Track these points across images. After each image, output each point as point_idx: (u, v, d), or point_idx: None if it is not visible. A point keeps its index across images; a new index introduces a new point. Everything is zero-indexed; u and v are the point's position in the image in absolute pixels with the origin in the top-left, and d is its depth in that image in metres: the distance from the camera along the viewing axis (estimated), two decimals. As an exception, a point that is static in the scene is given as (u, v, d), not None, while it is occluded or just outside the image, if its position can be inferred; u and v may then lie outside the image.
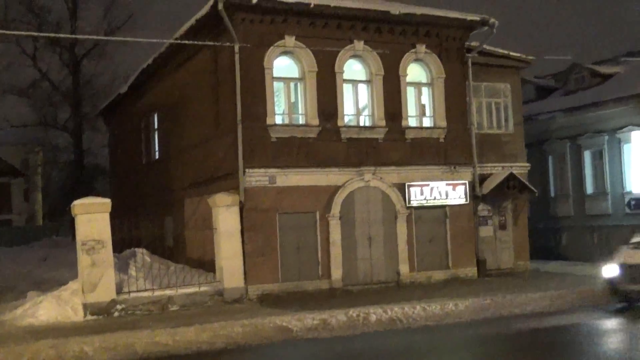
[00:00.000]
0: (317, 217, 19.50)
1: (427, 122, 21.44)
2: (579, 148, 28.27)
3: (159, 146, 26.31)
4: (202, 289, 17.97)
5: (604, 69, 30.44)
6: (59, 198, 53.27)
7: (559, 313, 16.01)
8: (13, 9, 40.07)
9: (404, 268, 20.39)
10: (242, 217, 18.52)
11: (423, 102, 21.64)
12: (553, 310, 16.37)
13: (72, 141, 43.07)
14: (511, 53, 23.47)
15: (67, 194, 42.67)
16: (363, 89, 20.71)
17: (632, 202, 25.90)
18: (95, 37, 38.23)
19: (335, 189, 19.64)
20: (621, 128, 26.37)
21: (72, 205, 17.12)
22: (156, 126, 26.44)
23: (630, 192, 26.13)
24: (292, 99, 19.92)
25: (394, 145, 20.52)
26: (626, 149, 26.32)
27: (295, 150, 19.26)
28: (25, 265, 26.28)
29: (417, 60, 21.16)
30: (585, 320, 15.28)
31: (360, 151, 20.07)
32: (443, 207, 21.20)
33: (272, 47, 19.10)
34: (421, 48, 20.99)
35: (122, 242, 18.65)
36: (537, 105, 30.66)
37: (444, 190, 21.08)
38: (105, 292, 16.64)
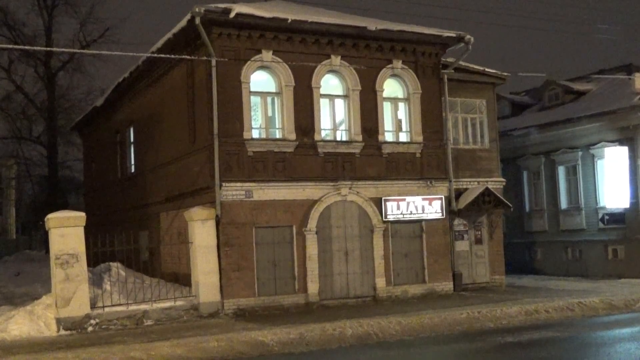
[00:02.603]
0: (294, 231, 19.48)
1: (403, 137, 21.57)
2: (553, 164, 28.59)
3: (134, 160, 26.15)
4: (178, 303, 17.84)
5: (577, 86, 30.86)
6: (33, 212, 52.69)
7: (534, 327, 16.08)
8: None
9: (380, 282, 20.42)
10: (218, 231, 18.46)
11: (399, 117, 21.78)
12: (528, 325, 16.45)
13: (46, 154, 42.63)
14: (487, 69, 23.70)
15: (41, 207, 42.20)
16: (340, 103, 20.79)
17: (606, 217, 26.26)
18: (70, 50, 38.04)
19: (312, 203, 19.64)
20: (594, 144, 26.75)
21: (46, 219, 16.96)
22: (132, 140, 26.28)
23: (603, 207, 26.45)
24: (269, 114, 19.94)
25: (370, 160, 20.61)
26: (599, 164, 26.66)
27: (272, 164, 19.28)
28: (-3, 279, 25.91)
29: (393, 75, 21.32)
30: (562, 334, 15.35)
31: (337, 166, 20.14)
32: (419, 221, 21.29)
33: (249, 62, 19.14)
34: (398, 64, 21.16)
35: (97, 256, 18.49)
36: (512, 121, 30.99)
37: (420, 205, 21.18)
38: (79, 307, 16.46)
